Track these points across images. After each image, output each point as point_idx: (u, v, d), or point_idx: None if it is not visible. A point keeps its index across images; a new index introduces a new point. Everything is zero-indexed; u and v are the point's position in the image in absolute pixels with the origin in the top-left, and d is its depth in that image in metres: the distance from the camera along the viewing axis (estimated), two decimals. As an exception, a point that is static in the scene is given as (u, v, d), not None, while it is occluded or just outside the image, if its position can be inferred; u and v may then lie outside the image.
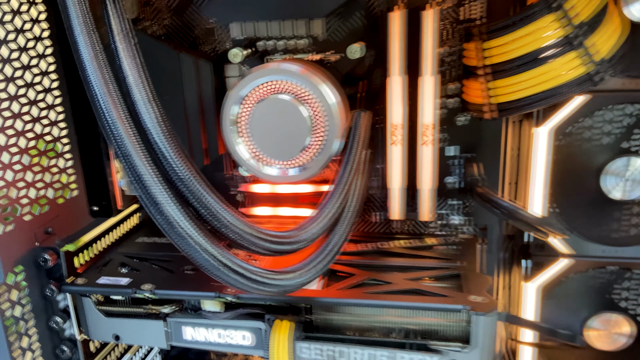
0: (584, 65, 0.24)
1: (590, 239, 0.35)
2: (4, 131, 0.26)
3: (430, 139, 0.29)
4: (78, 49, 0.22)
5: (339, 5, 0.30)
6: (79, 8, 0.22)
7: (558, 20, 0.23)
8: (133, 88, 0.22)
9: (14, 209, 0.27)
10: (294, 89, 0.28)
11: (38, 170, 0.28)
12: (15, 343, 0.27)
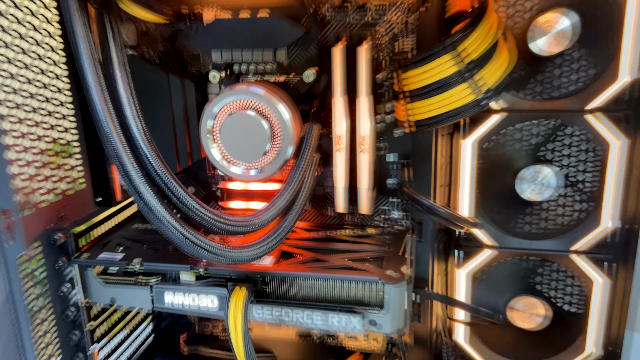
0: (473, 94, 0.30)
1: (508, 233, 0.41)
2: (27, 136, 0.33)
3: (367, 147, 0.36)
4: (84, 75, 0.29)
5: (297, 39, 0.37)
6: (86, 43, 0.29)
7: (452, 59, 0.30)
8: (125, 106, 0.29)
9: (34, 198, 0.34)
10: (257, 106, 0.35)
11: (53, 167, 0.36)
12: (33, 302, 0.34)
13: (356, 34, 0.37)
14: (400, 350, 0.43)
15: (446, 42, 0.31)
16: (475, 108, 0.31)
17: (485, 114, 0.38)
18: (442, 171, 0.41)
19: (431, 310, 0.43)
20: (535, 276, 0.42)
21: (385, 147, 0.39)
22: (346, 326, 0.32)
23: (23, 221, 0.33)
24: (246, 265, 0.33)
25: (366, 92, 0.35)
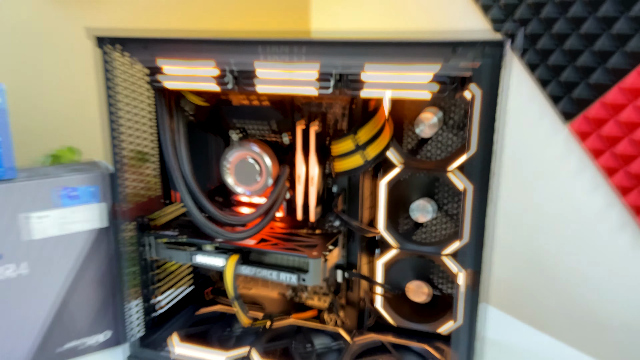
0: (362, 159, 0.56)
1: (406, 240, 0.66)
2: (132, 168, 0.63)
3: (315, 182, 0.62)
4: (160, 131, 0.58)
5: (282, 118, 0.64)
6: (164, 121, 0.58)
7: (352, 140, 0.56)
8: (181, 152, 0.57)
9: (133, 199, 0.63)
10: (254, 155, 0.62)
11: (143, 185, 0.65)
12: (129, 254, 0.63)
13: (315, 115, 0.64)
14: (335, 307, 0.69)
15: (350, 130, 0.57)
16: (365, 167, 0.57)
17: (392, 166, 0.63)
18: (368, 199, 0.67)
19: (359, 285, 0.69)
20: (424, 268, 0.67)
21: (331, 182, 0.65)
22: (289, 280, 0.58)
23: (129, 211, 0.62)
24: (239, 243, 0.60)
25: (313, 151, 0.61)
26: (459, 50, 0.45)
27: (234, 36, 0.53)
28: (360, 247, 0.66)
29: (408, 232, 0.66)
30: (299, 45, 0.49)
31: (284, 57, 0.50)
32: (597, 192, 1.00)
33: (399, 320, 0.67)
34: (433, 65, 0.47)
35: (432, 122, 0.60)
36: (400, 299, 0.68)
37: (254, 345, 0.63)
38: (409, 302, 0.67)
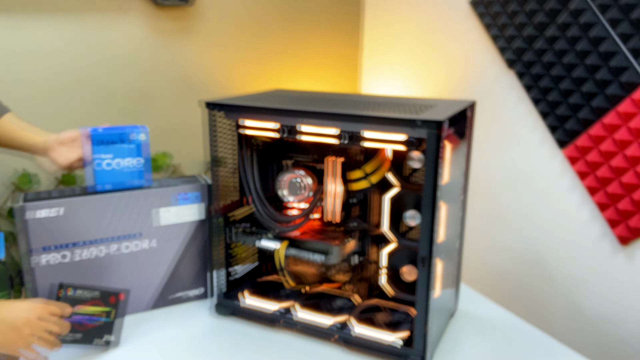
0: (369, 184, 0.87)
1: (402, 237, 0.95)
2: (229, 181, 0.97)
3: (339, 195, 0.94)
4: (240, 157, 0.91)
5: (319, 154, 0.96)
6: (244, 149, 0.91)
7: (361, 171, 0.87)
8: (252, 172, 0.90)
9: (219, 200, 0.97)
10: (300, 176, 0.94)
11: (226, 190, 0.99)
12: (218, 238, 0.97)
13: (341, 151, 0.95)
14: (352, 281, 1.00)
15: (361, 164, 0.88)
16: (370, 189, 0.88)
17: (393, 186, 0.93)
18: (376, 208, 0.97)
19: (369, 267, 0.99)
20: (413, 256, 0.97)
21: (350, 196, 0.97)
22: (319, 259, 0.90)
23: (218, 210, 0.97)
24: (288, 233, 0.93)
25: (339, 176, 0.93)
26: (419, 124, 0.75)
27: (295, 103, 0.85)
28: (369, 240, 0.97)
29: (403, 232, 0.96)
30: (327, 116, 0.81)
31: (317, 121, 0.82)
32: (583, 207, 1.26)
33: (396, 292, 0.98)
34: (404, 132, 0.77)
35: (418, 157, 0.90)
36: (396, 278, 0.98)
37: (296, 300, 0.96)
38: (403, 280, 0.98)
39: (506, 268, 1.44)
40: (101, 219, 0.91)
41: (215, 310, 0.99)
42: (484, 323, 0.98)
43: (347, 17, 2.43)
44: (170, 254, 0.99)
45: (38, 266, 0.88)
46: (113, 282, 0.95)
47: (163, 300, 1.01)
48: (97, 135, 0.90)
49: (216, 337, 0.92)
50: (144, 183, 0.96)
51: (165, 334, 0.92)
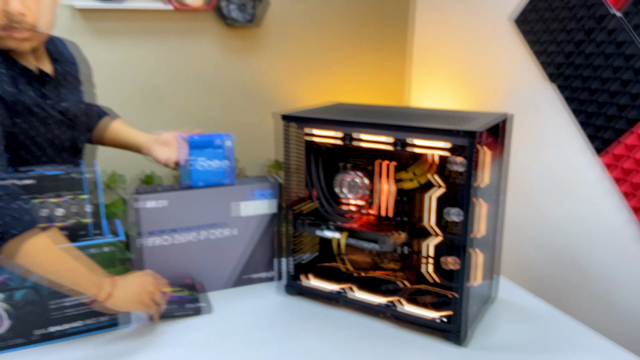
0: (417, 184, 1.02)
1: (445, 231, 1.10)
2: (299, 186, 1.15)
3: (392, 193, 1.09)
4: (307, 160, 1.09)
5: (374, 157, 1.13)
6: (311, 153, 1.09)
7: (411, 172, 1.03)
8: (317, 172, 1.08)
9: (289, 196, 1.16)
10: (357, 177, 1.11)
11: (294, 187, 1.17)
12: (288, 228, 1.15)
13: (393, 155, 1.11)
14: (402, 268, 1.15)
15: (410, 166, 1.03)
16: (418, 189, 1.03)
17: (438, 187, 1.08)
18: (422, 205, 1.12)
19: (416, 256, 1.14)
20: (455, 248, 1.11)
21: (402, 194, 1.12)
22: (373, 247, 1.06)
23: (287, 204, 1.15)
24: (347, 225, 1.09)
25: (392, 177, 1.09)
26: (460, 134, 0.90)
27: (355, 115, 1.02)
28: (417, 233, 1.13)
29: (447, 227, 1.11)
30: (383, 127, 0.98)
31: (375, 131, 0.99)
32: (619, 210, 1.36)
33: (440, 279, 1.12)
34: (448, 140, 0.93)
35: (460, 163, 1.04)
36: (440, 267, 1.13)
37: (352, 283, 1.13)
38: (446, 269, 1.12)
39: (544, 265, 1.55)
40: (195, 210, 1.12)
41: (285, 290, 1.17)
42: (521, 310, 1.11)
43: (397, 34, 2.59)
44: (249, 241, 1.18)
45: (146, 247, 1.09)
46: (202, 263, 1.15)
47: (241, 280, 1.20)
48: (193, 141, 1.11)
49: (287, 311, 1.10)
50: (229, 181, 1.15)
51: (246, 306, 1.11)
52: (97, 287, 0.89)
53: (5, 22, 0.90)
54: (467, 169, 0.91)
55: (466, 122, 0.96)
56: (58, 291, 0.93)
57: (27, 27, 0.92)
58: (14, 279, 0.91)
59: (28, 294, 0.93)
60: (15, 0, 0.88)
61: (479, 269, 1.04)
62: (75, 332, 0.99)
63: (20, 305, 0.93)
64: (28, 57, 0.98)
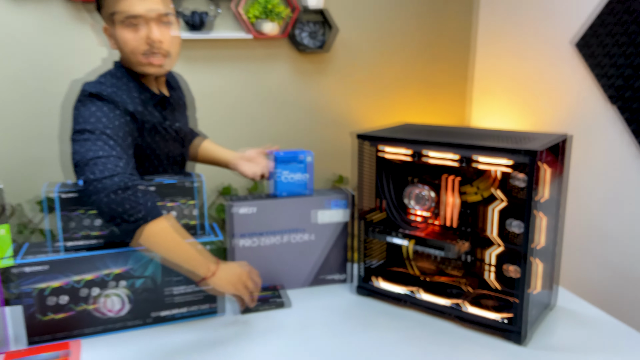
0: (480, 197, 1.13)
1: (506, 241, 1.19)
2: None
3: (456, 206, 1.21)
4: (378, 175, 1.22)
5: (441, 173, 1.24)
6: (382, 169, 1.22)
7: (474, 187, 1.14)
8: (388, 185, 1.21)
9: (360, 206, 1.29)
10: (424, 190, 1.23)
11: (365, 198, 1.31)
12: (359, 235, 1.29)
13: (458, 170, 1.22)
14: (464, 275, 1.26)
15: (472, 181, 1.14)
16: (481, 202, 1.14)
17: (500, 200, 1.18)
18: (485, 217, 1.22)
19: (479, 264, 1.24)
20: (516, 257, 1.20)
21: (465, 207, 1.23)
22: (438, 253, 1.17)
23: (359, 214, 1.28)
24: (414, 233, 1.22)
25: (457, 191, 1.20)
26: (521, 152, 1.01)
27: (423, 135, 1.15)
28: (480, 243, 1.23)
29: (508, 237, 1.20)
30: (449, 145, 1.10)
31: (442, 149, 1.11)
32: None
33: (501, 287, 1.22)
34: (510, 158, 1.03)
35: (521, 179, 1.14)
36: (502, 275, 1.22)
37: (419, 286, 1.24)
38: (507, 277, 1.21)
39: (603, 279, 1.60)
40: (279, 216, 1.27)
41: (356, 291, 1.31)
42: (578, 317, 1.18)
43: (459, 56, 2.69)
44: (324, 246, 1.33)
45: (237, 247, 1.26)
46: (283, 263, 1.30)
47: (317, 280, 1.34)
48: (279, 156, 1.27)
49: (358, 309, 1.23)
50: (308, 192, 1.31)
51: (321, 302, 1.25)
52: (205, 266, 1.06)
53: (147, 49, 1.08)
54: (528, 184, 1.02)
55: (527, 142, 1.07)
56: (169, 281, 1.11)
57: (163, 54, 1.10)
58: (136, 269, 1.10)
59: (146, 282, 1.11)
60: (156, 30, 1.07)
61: (538, 277, 1.13)
62: (181, 317, 1.16)
63: (139, 292, 1.11)
64: (154, 84, 1.17)
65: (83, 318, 1.09)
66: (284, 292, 1.28)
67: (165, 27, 1.10)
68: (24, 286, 1.03)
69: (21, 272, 1.02)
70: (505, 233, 1.16)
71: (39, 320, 1.06)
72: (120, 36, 1.08)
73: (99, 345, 1.07)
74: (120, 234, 1.00)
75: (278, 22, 2.24)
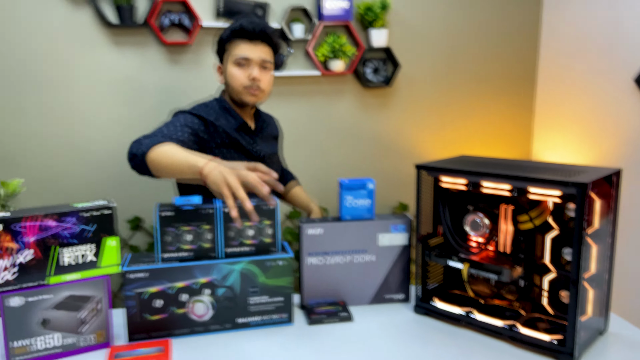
0: (533, 225, 1.21)
1: (560, 269, 1.25)
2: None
3: (510, 233, 1.29)
4: (435, 202, 1.33)
5: (495, 202, 1.33)
6: (440, 197, 1.33)
7: (527, 215, 1.22)
8: (445, 212, 1.31)
9: (419, 231, 1.40)
10: (480, 218, 1.33)
11: (423, 224, 1.41)
12: (418, 258, 1.39)
13: (511, 200, 1.30)
14: (518, 298, 1.32)
15: (527, 211, 1.22)
16: (534, 230, 1.21)
17: (553, 229, 1.25)
18: (540, 244, 1.29)
19: (534, 289, 1.30)
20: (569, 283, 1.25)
21: (519, 234, 1.31)
22: (493, 276, 1.25)
23: (418, 238, 1.39)
24: (470, 257, 1.30)
25: (510, 219, 1.28)
26: (569, 184, 1.09)
27: (478, 166, 1.25)
28: (534, 269, 1.30)
29: (562, 264, 1.26)
30: (502, 177, 1.19)
31: (495, 180, 1.21)
32: None
33: (555, 311, 1.27)
34: (560, 189, 1.11)
35: (572, 209, 1.21)
36: (555, 299, 1.28)
37: (475, 307, 1.32)
38: (560, 302, 1.27)
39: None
40: (343, 238, 1.41)
41: (414, 310, 1.40)
42: (630, 342, 1.21)
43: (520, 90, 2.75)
44: (384, 267, 1.44)
45: (306, 264, 1.40)
46: (347, 281, 1.43)
47: (377, 299, 1.45)
48: (344, 183, 1.41)
49: (415, 326, 1.32)
50: (370, 216, 1.43)
51: (382, 319, 1.36)
52: (201, 158, 1.14)
53: (249, 84, 1.47)
54: (576, 215, 1.09)
55: (578, 175, 1.14)
56: (246, 291, 1.27)
57: (259, 89, 1.49)
58: (217, 280, 1.26)
59: (227, 291, 1.27)
60: (257, 70, 1.46)
61: (589, 303, 1.19)
62: (256, 324, 1.31)
63: (221, 300, 1.28)
64: (245, 114, 1.56)
65: (174, 320, 1.26)
66: (347, 307, 1.40)
67: (265, 70, 1.50)
68: (127, 291, 1.22)
69: (126, 279, 1.22)
70: (558, 260, 1.23)
71: (138, 320, 1.24)
72: (231, 72, 1.47)
73: (186, 345, 1.23)
74: (141, 172, 1.31)
75: (344, 59, 2.42)
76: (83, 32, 2.21)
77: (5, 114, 2.17)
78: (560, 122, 2.41)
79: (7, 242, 1.07)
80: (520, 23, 2.64)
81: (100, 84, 2.26)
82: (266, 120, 1.67)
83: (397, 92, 2.62)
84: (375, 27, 2.42)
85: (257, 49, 1.45)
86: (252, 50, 1.44)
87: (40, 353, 1.14)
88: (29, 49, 2.16)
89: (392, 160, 2.65)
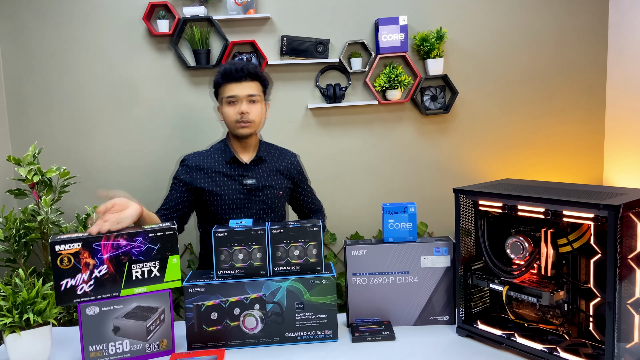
0: (571, 248, 1.20)
1: (604, 292, 1.22)
2: (464, 240, 1.43)
3: (550, 256, 1.28)
4: (477, 224, 1.36)
5: (535, 225, 1.33)
6: (481, 220, 1.36)
7: (566, 239, 1.21)
8: (485, 234, 1.34)
9: (461, 254, 1.43)
10: (521, 241, 1.33)
11: (465, 248, 1.44)
12: (461, 280, 1.42)
13: (551, 224, 1.30)
14: (563, 323, 1.30)
15: (566, 233, 1.22)
16: (572, 252, 1.21)
17: (596, 253, 1.23)
18: (583, 268, 1.27)
19: (578, 314, 1.28)
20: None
21: (562, 257, 1.29)
22: (533, 300, 1.25)
23: (460, 260, 1.42)
24: (511, 280, 1.31)
25: (549, 242, 1.28)
26: (601, 207, 1.09)
27: (514, 190, 1.28)
28: (580, 293, 1.28)
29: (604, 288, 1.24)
30: (535, 200, 1.21)
31: (528, 203, 1.23)
32: None
33: (599, 336, 1.24)
34: (592, 212, 1.11)
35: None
36: (601, 325, 1.25)
37: (516, 330, 1.32)
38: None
39: None
40: (385, 259, 1.47)
41: (456, 332, 1.42)
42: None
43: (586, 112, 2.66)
44: (427, 288, 1.48)
45: (352, 284, 1.48)
46: (390, 301, 1.48)
47: (422, 320, 1.49)
48: (387, 207, 1.48)
49: (456, 347, 1.34)
50: (411, 238, 1.49)
51: (424, 339, 1.39)
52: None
53: (239, 118, 1.65)
54: (610, 237, 1.08)
55: (615, 197, 1.14)
56: (293, 307, 1.37)
57: (248, 121, 1.67)
58: (266, 295, 1.37)
59: (274, 307, 1.38)
60: (245, 105, 1.65)
61: (635, 329, 1.15)
62: (302, 339, 1.40)
63: (269, 315, 1.38)
64: (244, 147, 1.74)
65: (227, 332, 1.39)
66: (391, 326, 1.45)
67: (253, 103, 1.67)
68: (187, 304, 1.37)
69: (187, 292, 1.36)
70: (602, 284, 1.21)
71: (196, 330, 1.38)
72: (224, 110, 1.68)
73: (238, 355, 1.35)
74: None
75: (401, 88, 2.50)
76: (166, 73, 2.50)
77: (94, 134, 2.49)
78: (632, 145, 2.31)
79: (87, 258, 1.26)
80: (583, 37, 2.57)
81: (175, 116, 2.53)
82: (271, 154, 1.79)
83: (455, 118, 2.65)
84: (432, 57, 2.48)
85: (243, 86, 1.64)
86: (239, 88, 1.64)
87: (111, 357, 1.30)
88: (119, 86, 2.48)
89: (453, 185, 2.65)
